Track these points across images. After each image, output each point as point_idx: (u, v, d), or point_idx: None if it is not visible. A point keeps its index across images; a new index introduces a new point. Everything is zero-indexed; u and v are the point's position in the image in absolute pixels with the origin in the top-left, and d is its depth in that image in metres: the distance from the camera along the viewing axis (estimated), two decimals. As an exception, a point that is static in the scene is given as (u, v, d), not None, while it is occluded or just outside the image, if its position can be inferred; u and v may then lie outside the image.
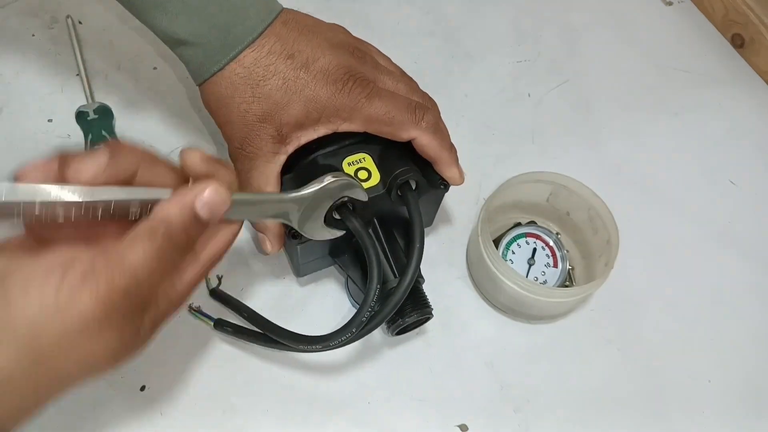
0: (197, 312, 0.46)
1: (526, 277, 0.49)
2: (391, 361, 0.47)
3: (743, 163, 0.58)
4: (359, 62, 0.43)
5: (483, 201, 0.48)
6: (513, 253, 0.50)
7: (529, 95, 0.60)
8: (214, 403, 0.44)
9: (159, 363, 0.45)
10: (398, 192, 0.42)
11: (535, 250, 0.50)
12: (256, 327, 0.44)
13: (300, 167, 0.44)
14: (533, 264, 0.49)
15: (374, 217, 0.44)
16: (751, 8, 0.62)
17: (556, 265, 0.49)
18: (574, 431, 0.46)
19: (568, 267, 0.50)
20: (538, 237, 0.50)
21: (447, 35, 0.63)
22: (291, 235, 0.42)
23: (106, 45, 0.58)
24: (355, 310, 0.41)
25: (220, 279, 0.48)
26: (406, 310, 0.43)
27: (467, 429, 0.45)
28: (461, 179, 0.45)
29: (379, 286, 0.40)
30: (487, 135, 0.58)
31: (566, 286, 0.49)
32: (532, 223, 0.51)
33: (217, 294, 0.47)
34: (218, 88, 0.41)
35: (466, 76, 0.61)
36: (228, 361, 0.46)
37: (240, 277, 0.49)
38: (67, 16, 0.58)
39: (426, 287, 0.45)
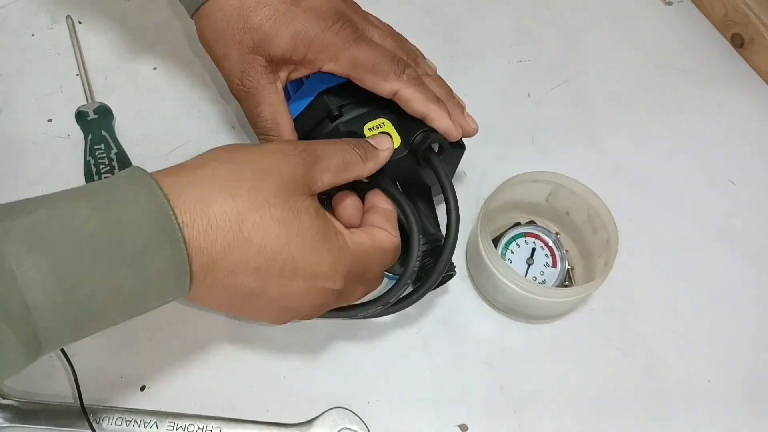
0: None
1: (525, 276, 0.49)
2: (391, 361, 0.47)
3: (743, 163, 0.58)
4: (350, 10, 0.44)
5: (482, 201, 0.48)
6: (512, 252, 0.50)
7: (529, 95, 0.60)
8: (214, 403, 0.44)
9: (159, 363, 0.45)
10: (423, 158, 0.42)
11: (534, 249, 0.50)
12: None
13: (322, 136, 0.44)
14: (532, 264, 0.49)
15: (397, 179, 0.44)
16: (751, 8, 0.62)
17: (555, 265, 0.49)
18: (574, 431, 0.46)
19: (567, 267, 0.50)
20: (537, 237, 0.50)
21: (447, 35, 0.63)
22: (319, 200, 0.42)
23: (106, 45, 0.58)
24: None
25: None
26: (429, 267, 0.43)
27: (467, 429, 0.45)
28: (457, 131, 0.44)
29: (421, 236, 0.40)
30: (486, 135, 0.57)
31: (565, 286, 0.49)
32: (531, 222, 0.51)
33: None
34: (212, 20, 0.42)
35: (466, 76, 0.61)
36: (228, 361, 0.46)
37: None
38: (67, 16, 0.58)
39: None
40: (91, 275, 0.29)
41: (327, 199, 0.42)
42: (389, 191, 0.41)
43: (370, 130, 0.43)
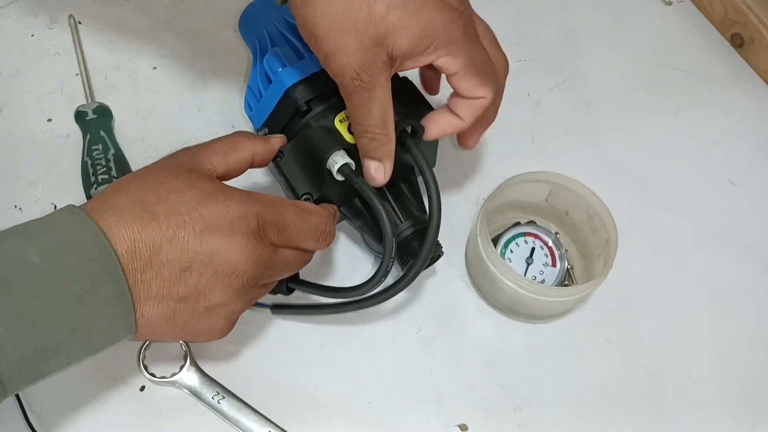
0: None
1: (524, 276, 0.49)
2: (390, 361, 0.47)
3: (743, 162, 0.58)
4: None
5: (482, 200, 0.48)
6: (511, 252, 0.50)
7: (528, 95, 0.60)
8: (214, 402, 0.44)
9: (159, 363, 0.45)
10: (399, 142, 0.41)
11: (533, 249, 0.50)
12: (321, 295, 0.44)
13: (295, 132, 0.43)
14: (531, 263, 0.49)
15: None
16: (751, 8, 0.62)
17: (554, 265, 0.49)
18: (574, 431, 0.46)
19: (566, 266, 0.50)
20: (536, 236, 0.50)
21: (447, 35, 0.63)
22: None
23: (106, 45, 0.58)
24: (368, 254, 0.46)
25: None
26: (417, 250, 0.42)
27: (467, 429, 0.45)
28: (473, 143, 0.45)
29: (394, 238, 0.40)
30: (486, 135, 0.57)
31: (565, 285, 0.49)
32: (531, 222, 0.51)
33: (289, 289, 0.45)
34: (326, 7, 0.36)
35: (465, 76, 0.61)
36: (227, 361, 0.46)
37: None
38: (70, 15, 0.58)
39: (425, 286, 0.45)
40: (46, 312, 0.30)
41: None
42: (363, 189, 0.40)
43: (341, 121, 0.43)
